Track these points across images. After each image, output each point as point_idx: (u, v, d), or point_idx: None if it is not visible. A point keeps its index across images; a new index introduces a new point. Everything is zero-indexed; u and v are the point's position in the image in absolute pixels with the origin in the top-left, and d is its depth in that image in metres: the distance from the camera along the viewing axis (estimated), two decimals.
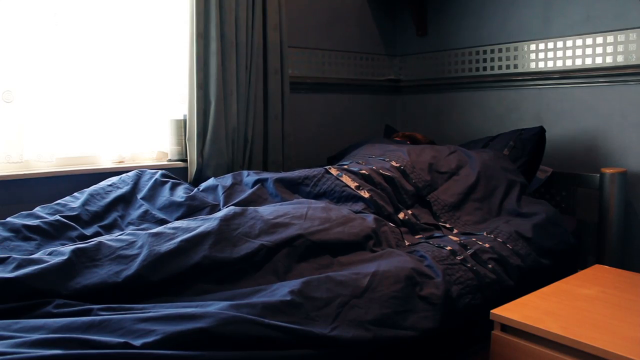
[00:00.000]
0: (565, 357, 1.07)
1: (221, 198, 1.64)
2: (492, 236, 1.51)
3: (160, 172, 1.78)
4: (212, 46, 1.98)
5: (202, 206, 1.59)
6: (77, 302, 0.95)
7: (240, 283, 1.11)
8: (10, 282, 0.93)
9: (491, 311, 1.20)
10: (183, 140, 2.08)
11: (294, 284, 1.06)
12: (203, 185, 1.78)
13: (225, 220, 1.24)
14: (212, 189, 1.73)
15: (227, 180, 1.76)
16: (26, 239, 1.30)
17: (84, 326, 0.84)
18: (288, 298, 1.00)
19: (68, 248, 1.07)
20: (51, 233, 1.36)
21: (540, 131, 2.01)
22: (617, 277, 1.43)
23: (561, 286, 1.36)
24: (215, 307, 0.95)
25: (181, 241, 1.13)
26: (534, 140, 1.99)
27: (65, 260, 1.02)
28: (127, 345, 0.79)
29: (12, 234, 1.30)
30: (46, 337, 0.79)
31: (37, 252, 1.18)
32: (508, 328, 1.17)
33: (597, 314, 1.17)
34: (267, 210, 1.37)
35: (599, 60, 2.03)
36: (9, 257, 1.03)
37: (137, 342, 0.80)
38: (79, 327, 0.84)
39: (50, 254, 1.08)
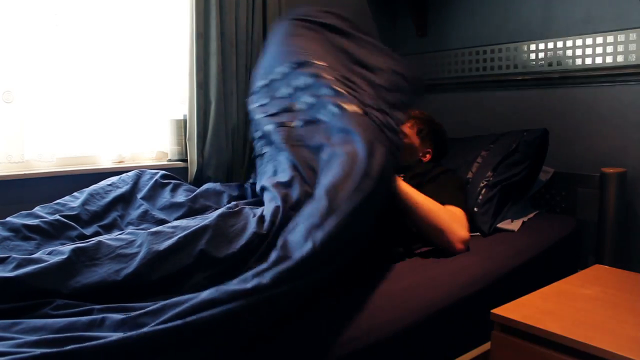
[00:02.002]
0: (565, 357, 1.07)
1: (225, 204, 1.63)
2: None
3: (160, 172, 1.78)
4: (212, 46, 1.98)
5: (202, 209, 1.59)
6: (78, 302, 0.95)
7: (236, 275, 1.11)
8: (11, 281, 0.93)
9: (491, 311, 1.20)
10: (183, 140, 2.08)
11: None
12: (205, 187, 1.76)
13: (222, 216, 1.24)
14: (217, 194, 1.70)
15: (234, 190, 1.73)
16: (26, 238, 1.30)
17: (85, 326, 0.84)
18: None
19: (68, 247, 1.07)
20: (51, 232, 1.36)
21: (544, 134, 1.98)
22: (617, 277, 1.43)
23: (561, 286, 1.36)
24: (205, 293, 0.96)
25: (179, 237, 1.14)
26: (536, 143, 1.95)
27: (65, 259, 1.02)
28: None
29: (11, 234, 1.30)
30: (47, 337, 0.79)
31: (36, 252, 1.18)
32: (508, 328, 1.17)
33: (597, 314, 1.17)
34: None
35: (599, 60, 2.03)
36: (9, 257, 1.03)
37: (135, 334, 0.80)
38: (80, 328, 0.84)
39: (50, 253, 1.08)
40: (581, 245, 2.00)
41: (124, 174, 1.76)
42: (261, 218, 1.24)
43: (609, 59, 2.00)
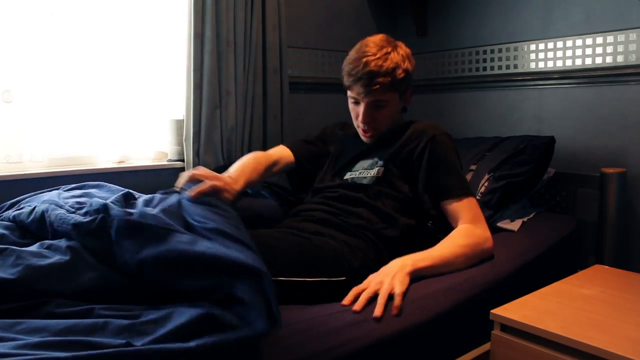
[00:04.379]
0: (565, 357, 1.07)
1: None
2: None
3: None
4: (208, 46, 1.98)
5: None
6: (79, 301, 0.94)
7: None
8: (10, 283, 0.92)
9: (491, 311, 1.20)
10: (183, 141, 2.08)
11: None
12: None
13: None
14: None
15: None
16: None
17: (87, 329, 0.84)
18: None
19: (66, 244, 1.05)
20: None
21: (551, 141, 1.96)
22: (617, 277, 1.43)
23: (561, 286, 1.36)
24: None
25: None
26: (543, 148, 1.93)
27: (68, 260, 1.00)
28: (128, 345, 0.79)
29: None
30: (48, 339, 0.79)
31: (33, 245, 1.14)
32: (508, 328, 1.17)
33: (597, 314, 1.17)
34: None
35: (599, 60, 2.03)
36: (6, 249, 1.02)
37: (139, 342, 0.80)
38: (82, 330, 0.84)
39: (48, 247, 1.06)
40: (581, 245, 2.00)
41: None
42: None
43: (609, 59, 2.00)
